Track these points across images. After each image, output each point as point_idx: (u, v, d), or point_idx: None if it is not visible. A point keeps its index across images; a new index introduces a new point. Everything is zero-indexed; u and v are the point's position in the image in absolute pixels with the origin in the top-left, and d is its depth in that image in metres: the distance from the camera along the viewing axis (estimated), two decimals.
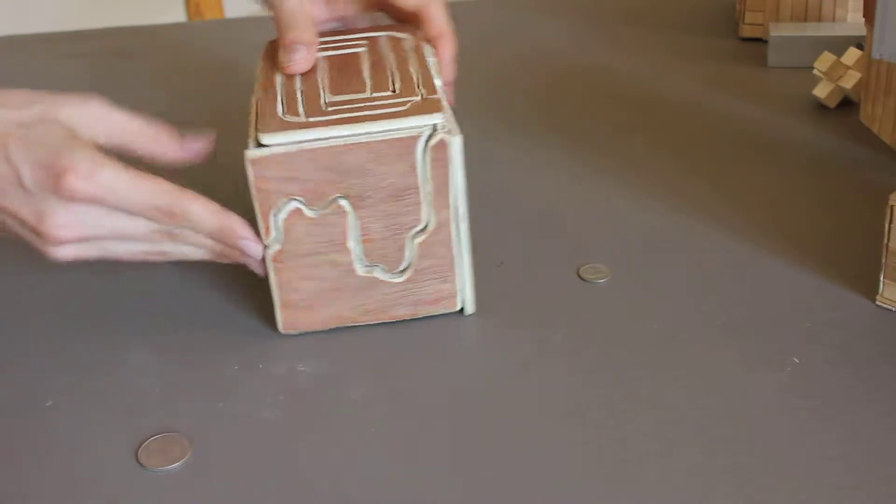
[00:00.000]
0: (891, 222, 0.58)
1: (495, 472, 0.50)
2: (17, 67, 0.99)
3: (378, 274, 0.59)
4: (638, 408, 0.54)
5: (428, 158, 0.57)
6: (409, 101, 0.58)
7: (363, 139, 0.56)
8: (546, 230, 0.70)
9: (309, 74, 0.62)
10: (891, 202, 0.58)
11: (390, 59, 0.63)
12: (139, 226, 0.56)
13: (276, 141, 0.56)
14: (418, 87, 0.60)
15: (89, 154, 0.54)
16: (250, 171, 0.56)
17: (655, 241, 0.68)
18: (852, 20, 0.96)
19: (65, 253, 0.56)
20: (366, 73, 0.61)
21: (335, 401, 0.55)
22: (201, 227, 0.57)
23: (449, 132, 0.57)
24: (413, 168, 0.57)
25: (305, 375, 0.57)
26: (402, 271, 0.60)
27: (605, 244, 0.68)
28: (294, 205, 0.57)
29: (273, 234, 0.57)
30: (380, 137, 0.56)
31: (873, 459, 0.50)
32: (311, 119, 0.57)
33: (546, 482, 0.50)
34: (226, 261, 0.59)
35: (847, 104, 0.85)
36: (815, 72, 0.85)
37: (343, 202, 0.57)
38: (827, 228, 0.68)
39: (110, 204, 0.55)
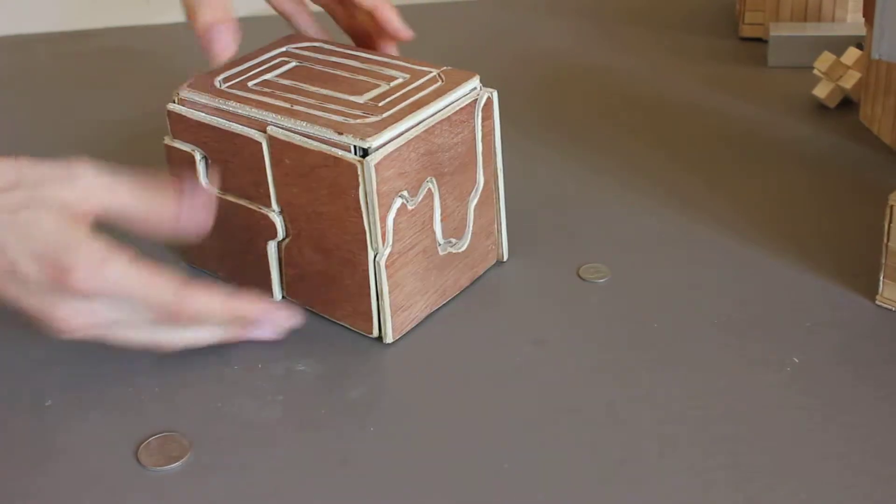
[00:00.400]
0: (890, 222, 0.58)
1: (494, 471, 0.50)
2: (17, 67, 0.99)
3: (450, 249, 0.61)
4: (638, 407, 0.54)
5: (480, 119, 0.60)
6: (436, 77, 0.60)
7: (445, 114, 0.58)
8: (546, 230, 0.70)
9: (301, 93, 0.60)
10: (890, 202, 0.58)
11: (342, 61, 0.63)
12: (143, 317, 0.54)
13: (382, 140, 0.55)
14: (417, 67, 0.62)
15: (93, 249, 0.52)
16: (373, 177, 0.54)
17: (655, 241, 0.68)
18: (852, 20, 0.96)
19: (71, 335, 0.54)
20: (346, 75, 0.62)
21: (335, 401, 0.55)
22: (213, 319, 0.55)
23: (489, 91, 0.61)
24: (473, 131, 0.60)
25: (305, 375, 0.57)
26: (464, 239, 0.61)
27: (605, 244, 0.68)
28: (399, 201, 0.57)
29: (389, 238, 0.57)
30: (456, 108, 0.59)
31: (873, 459, 0.50)
32: (386, 115, 0.56)
33: (545, 482, 0.50)
34: (238, 339, 0.58)
35: (847, 104, 0.85)
36: (814, 72, 0.85)
37: (430, 185, 0.58)
38: (827, 228, 0.68)
39: (116, 297, 0.53)
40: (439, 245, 0.60)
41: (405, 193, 0.57)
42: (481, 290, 0.63)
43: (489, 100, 0.61)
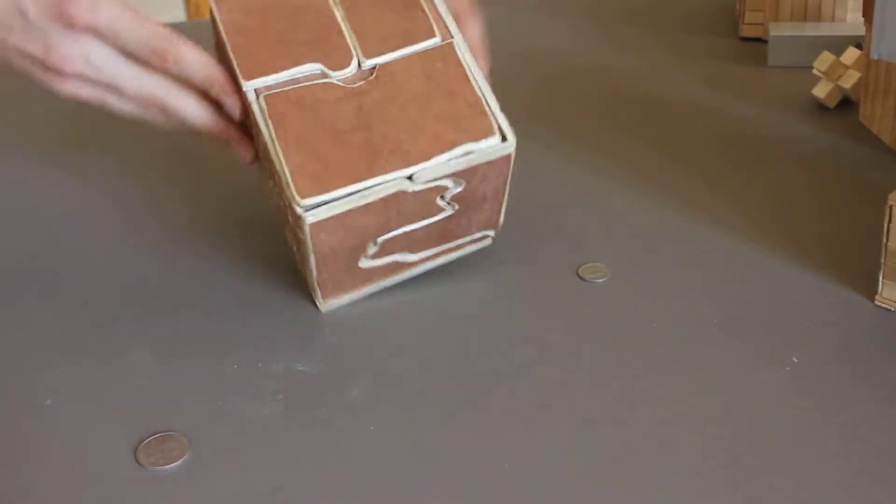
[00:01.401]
0: (890, 222, 0.58)
1: (494, 472, 0.50)
2: None
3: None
4: (637, 407, 0.54)
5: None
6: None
7: None
8: (546, 230, 0.70)
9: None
10: (890, 202, 0.58)
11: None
12: (133, 84, 0.58)
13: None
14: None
15: None
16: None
17: (655, 241, 0.68)
18: (852, 20, 0.96)
19: (68, 87, 0.59)
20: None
21: (334, 400, 0.55)
22: (191, 72, 0.59)
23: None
24: None
25: (304, 374, 0.57)
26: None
27: (605, 244, 0.68)
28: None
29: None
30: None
31: (873, 459, 0.50)
32: None
33: (545, 482, 0.50)
34: (211, 136, 0.61)
35: (846, 104, 0.85)
36: (814, 71, 0.85)
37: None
38: (826, 228, 0.68)
39: (110, 38, 0.57)
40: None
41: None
42: (481, 289, 0.63)
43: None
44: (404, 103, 0.58)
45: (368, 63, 0.59)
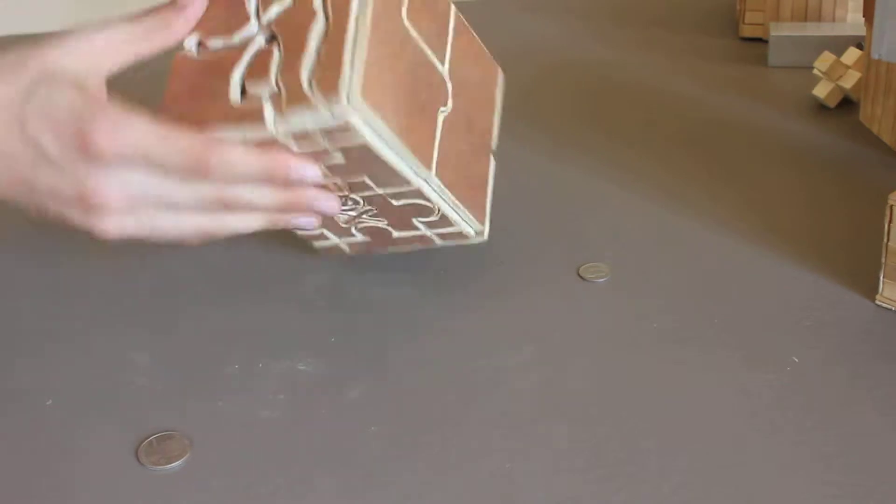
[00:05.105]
0: (890, 222, 0.58)
1: (494, 471, 0.50)
2: None
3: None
4: (638, 407, 0.54)
5: None
6: None
7: None
8: (546, 230, 0.70)
9: None
10: (890, 202, 0.58)
11: None
12: (185, 191, 0.52)
13: None
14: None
15: (110, 112, 0.51)
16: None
17: (655, 241, 0.68)
18: (852, 20, 0.96)
19: (112, 225, 0.52)
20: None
21: (335, 400, 0.55)
22: (245, 171, 0.52)
23: None
24: None
25: (305, 374, 0.57)
26: None
27: (605, 244, 0.68)
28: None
29: None
30: None
31: (872, 459, 0.50)
32: None
33: (545, 482, 0.50)
34: (284, 222, 0.56)
35: (847, 104, 0.85)
36: (814, 71, 0.85)
37: None
38: (827, 228, 0.68)
39: (142, 161, 0.51)
40: None
41: None
42: (481, 289, 0.63)
43: None
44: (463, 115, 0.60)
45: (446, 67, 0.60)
